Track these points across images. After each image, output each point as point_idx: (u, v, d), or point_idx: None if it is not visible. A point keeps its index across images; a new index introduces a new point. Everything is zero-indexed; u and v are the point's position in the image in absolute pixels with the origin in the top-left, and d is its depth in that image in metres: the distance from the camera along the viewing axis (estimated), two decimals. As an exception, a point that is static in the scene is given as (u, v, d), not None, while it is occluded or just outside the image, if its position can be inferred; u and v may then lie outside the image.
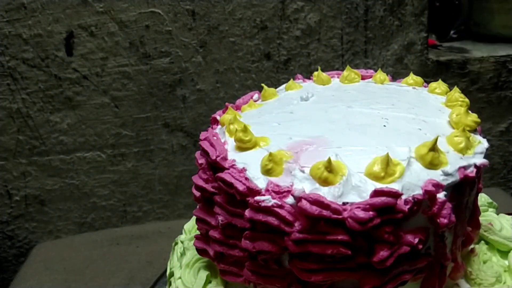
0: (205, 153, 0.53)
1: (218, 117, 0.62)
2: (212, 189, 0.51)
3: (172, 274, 0.63)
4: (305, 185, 0.46)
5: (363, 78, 0.73)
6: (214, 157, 0.51)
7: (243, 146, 0.52)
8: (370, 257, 0.44)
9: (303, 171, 0.47)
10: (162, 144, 1.15)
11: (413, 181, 0.46)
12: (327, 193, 0.44)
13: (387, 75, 0.72)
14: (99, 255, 0.98)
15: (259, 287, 0.51)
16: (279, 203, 0.45)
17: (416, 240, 0.45)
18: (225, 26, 1.07)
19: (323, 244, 0.44)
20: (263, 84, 0.70)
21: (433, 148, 0.48)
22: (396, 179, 0.45)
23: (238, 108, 0.66)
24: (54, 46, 1.05)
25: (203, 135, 0.57)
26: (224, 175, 0.48)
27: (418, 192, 0.45)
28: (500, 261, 0.60)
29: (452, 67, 1.19)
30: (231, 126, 0.56)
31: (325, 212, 0.43)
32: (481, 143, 0.53)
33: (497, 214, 0.67)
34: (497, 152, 1.28)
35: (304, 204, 0.44)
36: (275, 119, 0.59)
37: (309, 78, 0.75)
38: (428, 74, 1.17)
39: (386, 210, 0.43)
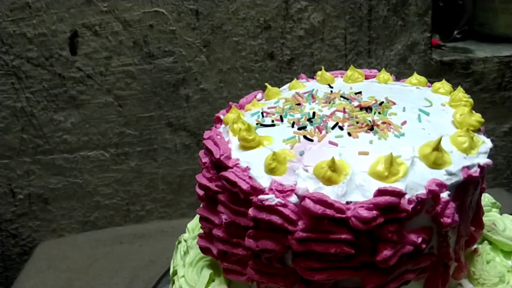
0: (209, 152, 0.53)
1: (221, 116, 0.62)
2: (215, 188, 0.52)
3: (175, 273, 0.63)
4: (308, 184, 0.46)
5: (366, 77, 0.73)
6: (218, 156, 0.51)
7: (247, 145, 0.52)
8: (373, 256, 0.44)
9: (306, 170, 0.47)
10: (166, 143, 1.15)
11: (416, 180, 0.46)
12: (330, 192, 0.44)
13: (390, 75, 0.72)
14: (102, 253, 0.99)
15: (262, 286, 0.51)
16: (283, 202, 0.45)
17: (420, 240, 0.45)
18: (229, 25, 1.07)
19: (327, 243, 0.44)
20: (266, 84, 0.70)
21: (437, 147, 0.48)
22: (400, 179, 0.45)
23: (241, 107, 0.66)
24: (58, 45, 1.05)
25: (207, 134, 0.58)
26: (228, 173, 0.49)
27: (422, 191, 0.45)
28: (503, 261, 0.60)
29: (455, 67, 1.18)
30: (235, 125, 0.56)
31: (329, 211, 0.43)
32: (485, 143, 0.53)
33: (501, 214, 0.67)
34: (501, 152, 1.27)
35: (308, 203, 0.44)
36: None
37: (313, 78, 0.75)
38: (432, 74, 1.16)
39: (390, 210, 0.43)
